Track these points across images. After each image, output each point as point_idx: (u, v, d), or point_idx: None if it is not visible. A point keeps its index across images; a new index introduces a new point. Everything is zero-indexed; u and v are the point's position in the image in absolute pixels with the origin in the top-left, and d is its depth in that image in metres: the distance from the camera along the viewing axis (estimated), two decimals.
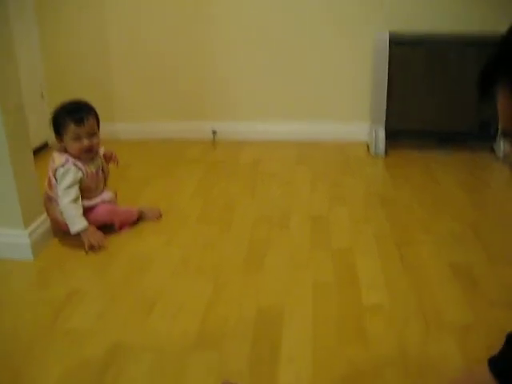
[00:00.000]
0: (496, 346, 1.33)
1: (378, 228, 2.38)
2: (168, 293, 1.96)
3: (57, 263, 2.19)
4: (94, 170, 2.33)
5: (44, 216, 2.31)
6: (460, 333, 1.68)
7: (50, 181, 2.29)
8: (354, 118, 3.55)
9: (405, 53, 3.15)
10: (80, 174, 2.26)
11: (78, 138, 2.25)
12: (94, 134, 2.29)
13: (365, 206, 2.61)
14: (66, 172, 2.23)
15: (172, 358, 1.62)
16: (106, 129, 2.56)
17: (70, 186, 2.23)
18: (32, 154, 2.29)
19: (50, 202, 2.31)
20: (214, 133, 3.63)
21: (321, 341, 1.67)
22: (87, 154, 2.29)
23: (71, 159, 2.26)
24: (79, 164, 2.27)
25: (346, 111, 3.55)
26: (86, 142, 2.26)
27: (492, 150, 3.25)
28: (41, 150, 3.44)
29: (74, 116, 2.24)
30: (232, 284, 2.01)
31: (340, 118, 3.57)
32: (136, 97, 3.67)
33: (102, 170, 2.42)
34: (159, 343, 1.69)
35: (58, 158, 2.27)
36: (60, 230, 2.33)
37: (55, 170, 2.25)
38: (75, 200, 2.23)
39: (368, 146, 3.42)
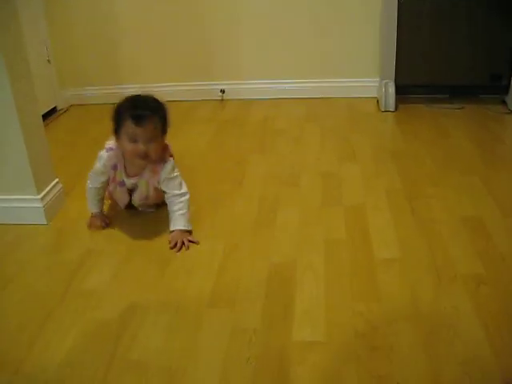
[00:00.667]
0: (508, 299, 1.34)
1: (389, 183, 2.38)
2: (181, 252, 1.98)
3: (70, 226, 2.21)
4: (118, 180, 2.11)
5: (56, 180, 2.32)
6: (472, 286, 1.69)
7: None
8: (362, 74, 3.50)
9: (414, 4, 3.08)
10: (104, 169, 2.07)
11: (133, 140, 1.94)
12: (153, 139, 1.97)
13: (375, 162, 2.60)
14: (99, 158, 2.07)
15: (187, 316, 1.65)
16: (114, 91, 2.54)
17: (96, 173, 2.10)
18: (41, 119, 2.29)
19: None
20: (223, 91, 3.62)
21: (334, 297, 1.69)
22: (140, 160, 2.01)
23: (111, 154, 2.04)
24: (111, 163, 2.05)
25: (355, 67, 3.51)
26: (141, 147, 1.94)
27: (503, 103, 3.21)
28: (49, 115, 3.44)
29: (134, 112, 1.92)
30: (244, 242, 2.02)
31: (349, 73, 3.52)
32: (143, 59, 3.64)
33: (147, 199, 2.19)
34: (174, 302, 1.71)
35: (110, 142, 2.07)
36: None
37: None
38: (97, 187, 2.14)
39: (378, 102, 3.39)
